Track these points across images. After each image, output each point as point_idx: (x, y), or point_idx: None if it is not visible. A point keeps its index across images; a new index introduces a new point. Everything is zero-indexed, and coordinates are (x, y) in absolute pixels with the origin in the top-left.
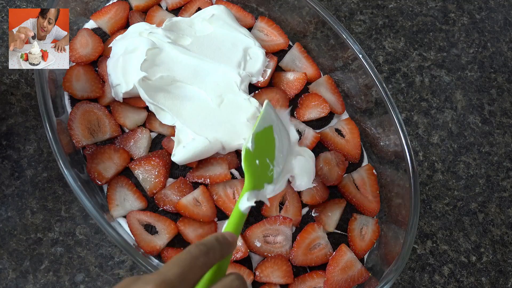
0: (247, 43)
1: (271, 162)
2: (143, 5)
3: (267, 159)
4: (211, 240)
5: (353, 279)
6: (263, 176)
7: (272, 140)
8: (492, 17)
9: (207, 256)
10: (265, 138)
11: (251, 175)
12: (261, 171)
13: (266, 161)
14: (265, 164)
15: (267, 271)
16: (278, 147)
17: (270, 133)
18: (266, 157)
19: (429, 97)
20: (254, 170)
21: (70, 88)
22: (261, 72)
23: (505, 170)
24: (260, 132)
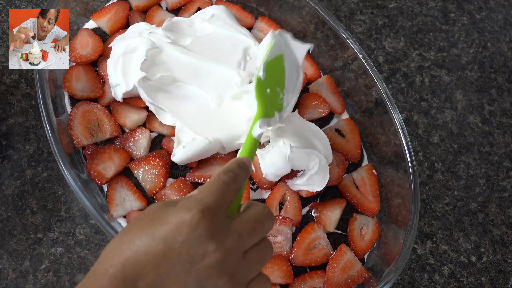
0: (247, 43)
1: (281, 91)
2: (143, 5)
3: (278, 88)
4: (234, 166)
5: (353, 279)
6: (273, 104)
7: (282, 69)
8: (492, 17)
9: (235, 183)
10: (275, 67)
11: (263, 103)
12: (271, 100)
13: (276, 89)
14: (275, 93)
15: (267, 271)
16: (288, 75)
17: (280, 62)
18: (277, 85)
19: (429, 97)
20: (265, 98)
21: (70, 88)
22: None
23: (505, 170)
24: (271, 61)
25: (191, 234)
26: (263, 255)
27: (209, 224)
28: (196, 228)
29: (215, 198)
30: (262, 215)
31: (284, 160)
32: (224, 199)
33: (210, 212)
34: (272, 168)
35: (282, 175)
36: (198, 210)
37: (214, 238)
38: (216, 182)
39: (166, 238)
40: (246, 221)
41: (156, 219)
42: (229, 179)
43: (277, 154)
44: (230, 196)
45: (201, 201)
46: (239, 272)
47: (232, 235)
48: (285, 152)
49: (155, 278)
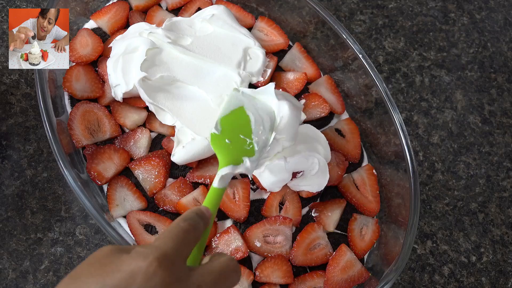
0: (247, 43)
1: (248, 137)
2: (143, 5)
3: (241, 135)
4: (193, 215)
5: (353, 279)
6: (239, 151)
7: (245, 118)
8: (492, 17)
9: (195, 230)
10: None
11: (222, 154)
12: (234, 148)
13: (240, 137)
14: (239, 141)
15: (267, 271)
16: (256, 121)
17: (241, 112)
18: (240, 134)
19: (429, 97)
20: (224, 149)
21: (70, 88)
22: (261, 72)
23: (505, 170)
24: (227, 115)
25: (145, 284)
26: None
27: (166, 273)
28: (152, 278)
29: (173, 245)
30: (227, 268)
31: (282, 172)
32: (183, 246)
33: (168, 260)
34: (273, 182)
35: (285, 184)
36: (155, 257)
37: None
38: (174, 229)
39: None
40: (208, 273)
41: (108, 265)
42: (188, 226)
43: (274, 169)
44: (190, 244)
45: (158, 248)
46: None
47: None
48: (281, 165)
49: None
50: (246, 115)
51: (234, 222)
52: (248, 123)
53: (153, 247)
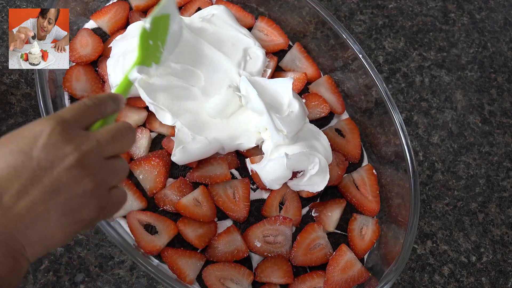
0: (247, 43)
1: (162, 46)
2: (143, 5)
3: (159, 42)
4: (104, 95)
5: (353, 279)
6: (152, 55)
7: (166, 27)
8: (492, 17)
9: (99, 107)
10: (161, 23)
11: (143, 51)
12: (151, 51)
13: (157, 43)
14: (156, 46)
15: (267, 271)
16: (171, 35)
17: (166, 20)
18: (158, 40)
19: (429, 97)
20: (146, 48)
21: (70, 88)
22: (261, 72)
23: (505, 170)
24: (158, 17)
25: (47, 141)
26: (121, 167)
27: (64, 131)
28: (52, 135)
29: (72, 114)
30: (122, 127)
31: (283, 169)
32: (82, 117)
33: (66, 123)
34: (273, 179)
35: (285, 181)
36: (55, 121)
37: (71, 141)
38: (77, 104)
39: (24, 149)
40: (105, 131)
41: (12, 137)
42: (92, 103)
43: (275, 165)
44: (90, 117)
45: (57, 114)
46: (101, 173)
47: (90, 141)
48: (282, 162)
49: (19, 188)
50: (167, 24)
51: (234, 222)
52: (166, 34)
53: (53, 114)
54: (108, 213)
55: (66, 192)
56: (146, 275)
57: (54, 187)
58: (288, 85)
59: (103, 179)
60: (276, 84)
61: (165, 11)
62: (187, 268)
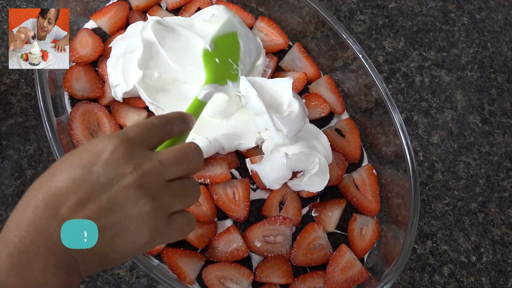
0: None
1: (235, 63)
2: (143, 5)
3: (230, 59)
4: (172, 115)
5: (353, 279)
6: (225, 73)
7: (236, 44)
8: (492, 17)
9: (165, 127)
10: (227, 41)
11: (210, 70)
12: (222, 69)
13: (228, 60)
14: (227, 63)
15: (267, 271)
16: (244, 50)
17: (234, 38)
18: (228, 57)
19: (429, 97)
20: (213, 67)
21: (70, 88)
22: (261, 72)
23: (505, 170)
24: (221, 36)
25: (109, 157)
26: (188, 189)
27: (127, 150)
28: (114, 152)
29: (138, 132)
30: (188, 147)
31: (283, 169)
32: (148, 136)
33: (130, 141)
34: (273, 179)
35: (285, 181)
36: (119, 139)
37: (132, 161)
38: (144, 122)
39: (85, 163)
40: (169, 151)
41: (76, 151)
42: (159, 123)
43: (275, 165)
44: (156, 137)
45: (123, 133)
46: (160, 196)
47: (153, 161)
48: (282, 162)
49: (76, 202)
50: (237, 41)
51: (234, 222)
52: (238, 50)
53: (119, 132)
54: (165, 239)
55: (121, 211)
56: (146, 275)
57: (110, 205)
58: (288, 85)
59: (163, 202)
60: (276, 84)
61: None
62: (187, 268)
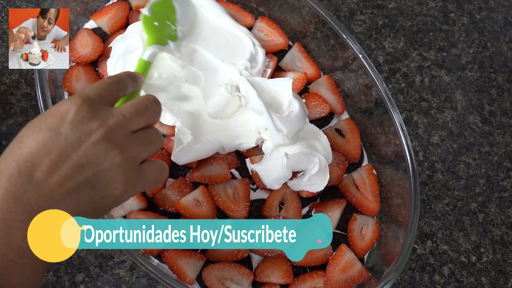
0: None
1: (173, 24)
2: (143, 5)
3: (168, 22)
4: (122, 74)
5: (353, 279)
6: (165, 34)
7: (172, 8)
8: (492, 17)
9: (118, 84)
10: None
11: (150, 33)
12: (161, 31)
13: (166, 23)
14: (165, 26)
15: (267, 271)
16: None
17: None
18: (166, 20)
19: (429, 97)
20: (153, 29)
21: (70, 88)
22: (261, 72)
23: (505, 170)
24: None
25: (74, 117)
26: (151, 138)
27: (90, 108)
28: (78, 112)
29: (96, 92)
30: (146, 99)
31: (283, 169)
32: (105, 94)
33: (91, 100)
34: (273, 179)
35: (285, 181)
36: (81, 99)
37: (97, 117)
38: (99, 82)
39: (52, 126)
40: (129, 105)
41: (40, 116)
42: (112, 81)
43: (275, 165)
44: (113, 95)
45: (83, 93)
46: (129, 147)
47: (116, 115)
48: (282, 161)
49: (49, 164)
50: (172, 5)
51: None
52: (174, 13)
53: (78, 94)
54: (139, 188)
55: (94, 167)
56: (146, 275)
57: (82, 162)
58: (288, 85)
59: (132, 152)
60: (276, 84)
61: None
62: (187, 268)
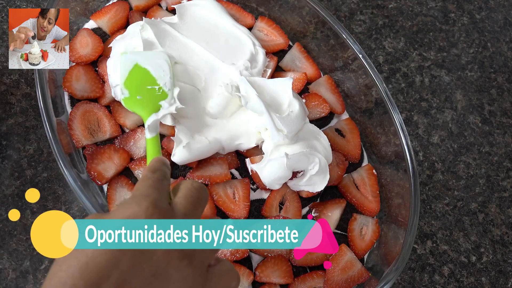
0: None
1: (155, 84)
2: (143, 5)
3: (148, 86)
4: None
5: (353, 279)
6: (153, 100)
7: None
8: (492, 17)
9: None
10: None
11: (140, 110)
12: (148, 99)
13: (147, 89)
14: (149, 91)
15: (267, 271)
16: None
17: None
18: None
19: (429, 97)
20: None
21: (70, 88)
22: (261, 72)
23: (505, 170)
24: (126, 78)
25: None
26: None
27: (159, 214)
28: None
29: (157, 192)
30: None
31: (283, 169)
32: (163, 192)
33: (157, 203)
34: (273, 179)
35: (285, 181)
36: (148, 202)
37: None
38: (150, 180)
39: None
40: (184, 200)
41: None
42: (161, 176)
43: (275, 165)
44: (166, 190)
45: (147, 195)
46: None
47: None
48: (282, 161)
49: (119, 276)
50: (143, 68)
51: None
52: (149, 74)
53: (143, 195)
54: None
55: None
56: None
57: (153, 273)
58: (288, 85)
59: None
60: (275, 84)
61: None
62: None
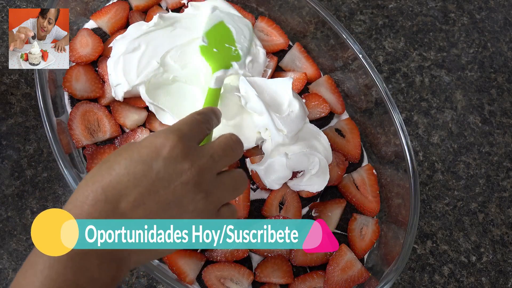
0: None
1: (232, 45)
2: (143, 5)
3: (227, 44)
4: (208, 111)
5: (353, 279)
6: (227, 57)
7: (227, 30)
8: (492, 17)
9: (207, 123)
10: (218, 31)
11: (211, 60)
12: (222, 55)
13: (225, 46)
14: (225, 49)
15: (267, 271)
16: (236, 32)
17: (222, 26)
18: (225, 43)
19: (429, 97)
20: (214, 57)
21: (70, 88)
22: (261, 72)
23: (505, 170)
24: (210, 30)
25: (169, 154)
26: (236, 181)
27: (184, 147)
28: (174, 149)
29: (189, 129)
30: (231, 141)
31: (283, 169)
32: (197, 132)
33: (186, 138)
34: (273, 179)
35: (285, 181)
36: (176, 135)
37: (189, 157)
38: (191, 119)
39: (146, 159)
40: (216, 145)
41: (133, 145)
42: (202, 119)
43: (275, 165)
44: (202, 133)
45: (178, 129)
46: (213, 191)
47: (205, 156)
48: (282, 162)
49: (137, 196)
50: (227, 27)
51: None
52: (230, 34)
53: (174, 128)
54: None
55: (178, 207)
56: (146, 275)
57: (168, 200)
58: (288, 85)
59: (215, 197)
60: (275, 84)
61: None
62: (187, 268)
